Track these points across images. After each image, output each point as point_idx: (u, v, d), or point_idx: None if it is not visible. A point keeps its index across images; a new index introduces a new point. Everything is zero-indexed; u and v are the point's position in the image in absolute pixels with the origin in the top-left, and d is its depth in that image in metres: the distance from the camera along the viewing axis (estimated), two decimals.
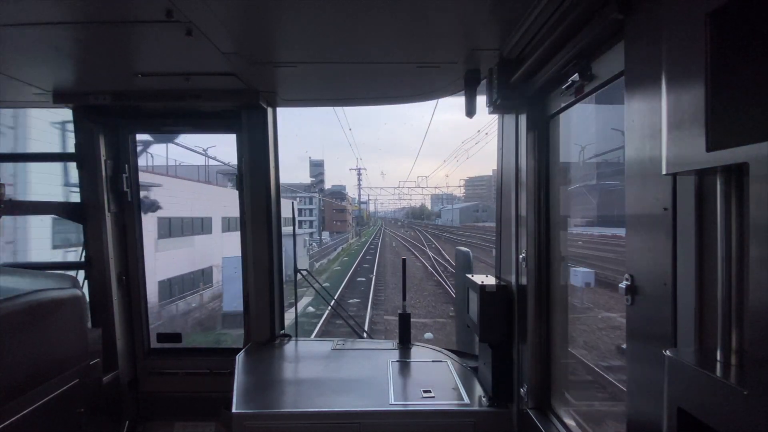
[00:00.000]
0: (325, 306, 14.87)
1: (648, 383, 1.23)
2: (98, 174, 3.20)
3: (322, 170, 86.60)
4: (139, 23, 1.95)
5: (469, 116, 2.65)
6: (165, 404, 3.45)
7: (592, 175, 2.86)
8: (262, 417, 2.39)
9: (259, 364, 3.07)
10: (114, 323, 3.28)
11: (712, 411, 0.87)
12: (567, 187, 2.25)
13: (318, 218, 66.88)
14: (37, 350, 2.18)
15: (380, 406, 2.44)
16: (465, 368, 2.98)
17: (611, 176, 3.46)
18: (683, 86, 0.96)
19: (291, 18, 1.95)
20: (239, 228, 3.43)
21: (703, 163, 0.89)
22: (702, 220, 1.08)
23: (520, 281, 2.34)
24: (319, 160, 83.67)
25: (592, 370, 4.02)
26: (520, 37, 2.00)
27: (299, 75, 2.76)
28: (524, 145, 2.28)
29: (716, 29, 0.87)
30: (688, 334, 1.10)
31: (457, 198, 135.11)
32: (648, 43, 1.22)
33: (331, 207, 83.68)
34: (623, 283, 1.33)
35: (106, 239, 3.25)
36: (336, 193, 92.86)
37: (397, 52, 2.35)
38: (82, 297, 2.56)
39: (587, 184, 2.91)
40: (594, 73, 1.68)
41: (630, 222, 1.34)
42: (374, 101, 3.36)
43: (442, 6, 1.81)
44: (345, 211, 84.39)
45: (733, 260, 0.92)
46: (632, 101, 1.29)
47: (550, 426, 2.13)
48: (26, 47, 2.21)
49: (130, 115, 3.30)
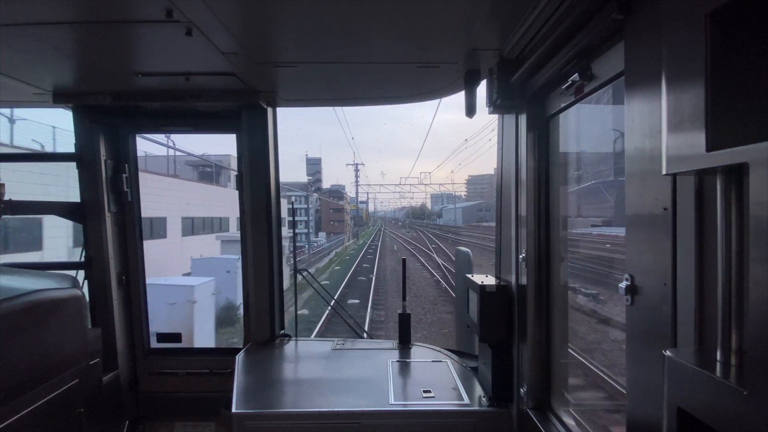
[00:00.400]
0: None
1: (648, 383, 1.23)
2: (98, 174, 3.20)
3: (320, 168, 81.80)
4: (139, 23, 1.95)
5: (469, 116, 2.65)
6: (165, 404, 3.45)
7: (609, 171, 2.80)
8: (262, 417, 2.39)
9: (259, 364, 3.07)
10: (114, 323, 3.28)
11: (712, 411, 0.87)
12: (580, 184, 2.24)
13: (314, 218, 64.38)
14: (37, 350, 2.18)
15: (380, 406, 2.44)
16: (465, 368, 2.98)
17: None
18: (683, 86, 0.96)
19: (291, 18, 1.95)
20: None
21: (703, 163, 0.89)
22: (702, 220, 1.08)
23: (520, 281, 2.34)
24: (316, 158, 79.70)
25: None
26: (520, 37, 2.00)
27: (299, 75, 2.76)
28: (524, 145, 2.28)
29: (716, 29, 0.87)
30: (688, 334, 1.10)
31: (458, 197, 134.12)
32: (648, 43, 1.22)
33: (328, 206, 79.98)
34: (623, 283, 1.33)
35: (106, 239, 3.25)
36: (334, 192, 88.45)
37: (397, 52, 2.35)
38: (82, 297, 2.56)
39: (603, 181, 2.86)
40: (594, 73, 1.68)
41: (630, 222, 1.34)
42: (374, 101, 3.36)
43: (442, 6, 1.81)
44: (343, 210, 79.85)
45: (733, 260, 0.92)
46: (632, 101, 1.29)
47: (550, 426, 2.13)
48: (26, 47, 2.21)
49: (130, 115, 3.30)
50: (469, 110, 2.63)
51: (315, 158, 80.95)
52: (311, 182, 78.33)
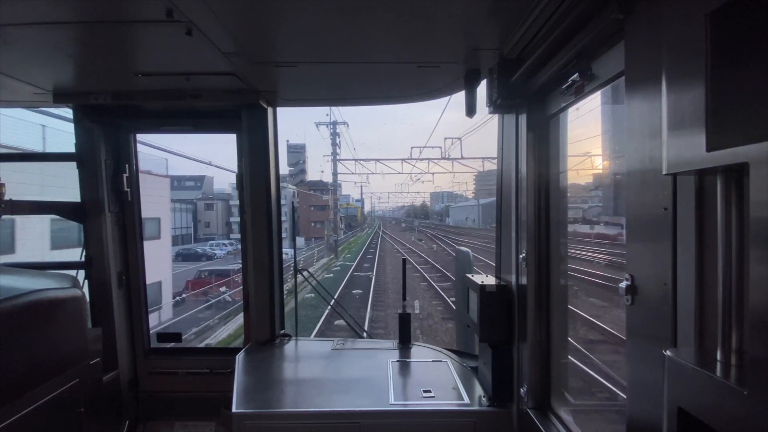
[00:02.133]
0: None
1: (648, 383, 1.23)
2: (98, 174, 3.21)
3: (304, 157, 62.61)
4: (139, 23, 1.95)
5: (469, 116, 2.66)
6: (165, 404, 3.45)
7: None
8: (262, 417, 2.39)
9: (259, 364, 3.07)
10: (114, 323, 3.28)
11: (712, 411, 0.87)
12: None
13: (289, 219, 46.45)
14: (37, 350, 2.18)
15: (380, 405, 2.44)
16: (465, 368, 2.98)
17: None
18: (683, 86, 0.96)
19: (291, 18, 1.95)
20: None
21: (703, 163, 0.89)
22: (702, 220, 1.08)
23: (520, 281, 2.34)
24: (300, 145, 61.33)
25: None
26: (520, 37, 2.00)
27: (300, 75, 2.76)
28: (524, 145, 2.28)
29: (716, 29, 0.87)
30: (688, 334, 1.10)
31: (460, 196, 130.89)
32: (648, 43, 1.22)
33: (307, 202, 60.05)
34: (623, 283, 1.33)
35: (107, 239, 3.25)
36: (316, 184, 64.30)
37: (397, 52, 2.35)
38: (83, 297, 2.56)
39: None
40: (594, 73, 1.68)
41: (630, 222, 1.34)
42: (374, 101, 3.36)
43: (442, 6, 1.81)
44: (327, 208, 56.19)
45: (733, 260, 0.92)
46: (632, 101, 1.29)
47: (550, 426, 2.13)
48: (26, 47, 2.21)
49: (131, 115, 3.30)
50: (469, 110, 2.63)
51: (298, 145, 54.99)
52: (293, 174, 61.70)
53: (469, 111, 2.64)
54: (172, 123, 3.39)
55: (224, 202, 61.54)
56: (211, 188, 67.20)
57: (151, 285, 4.42)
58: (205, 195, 62.98)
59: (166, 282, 19.62)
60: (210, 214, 61.08)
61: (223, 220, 61.30)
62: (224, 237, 54.65)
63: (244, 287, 3.44)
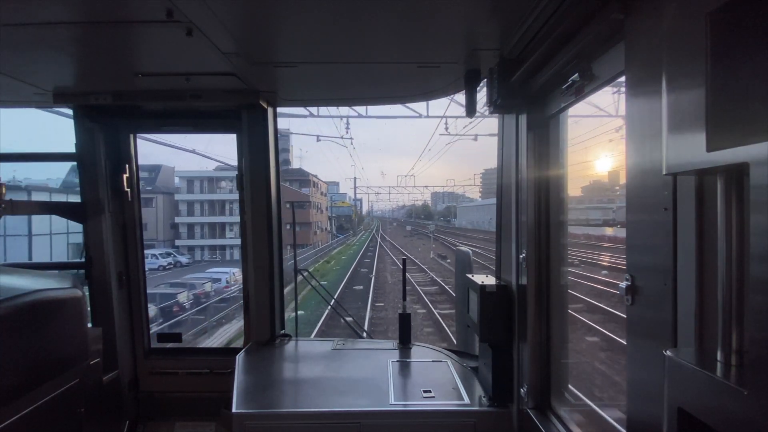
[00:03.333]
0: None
1: (648, 383, 1.23)
2: (98, 174, 3.21)
3: (287, 145, 53.93)
4: (139, 23, 1.95)
5: (469, 116, 2.66)
6: (165, 404, 3.45)
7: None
8: (263, 417, 2.39)
9: (259, 364, 3.07)
10: (114, 323, 3.28)
11: (712, 411, 0.87)
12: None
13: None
14: (37, 350, 2.18)
15: (380, 406, 2.44)
16: (465, 368, 2.98)
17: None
18: (683, 86, 0.96)
19: (291, 18, 1.95)
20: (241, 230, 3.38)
21: (703, 163, 0.89)
22: (702, 220, 1.08)
23: (520, 281, 2.34)
24: (283, 129, 49.95)
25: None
26: (520, 37, 2.00)
27: (300, 75, 2.76)
28: (524, 145, 2.28)
29: (716, 29, 0.87)
30: (688, 334, 1.10)
31: (462, 196, 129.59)
32: (648, 43, 1.22)
33: (284, 198, 35.10)
34: (623, 283, 1.33)
35: (107, 239, 3.25)
36: (296, 172, 54.09)
37: (397, 52, 2.35)
38: (83, 296, 2.56)
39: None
40: (594, 73, 1.68)
41: (630, 222, 1.34)
42: (374, 101, 3.37)
43: (442, 6, 1.81)
44: (308, 206, 48.77)
45: (733, 260, 0.92)
46: (632, 101, 1.29)
47: (550, 426, 2.13)
48: (26, 47, 2.21)
49: (131, 115, 3.30)
50: (469, 110, 2.64)
51: (282, 130, 50.41)
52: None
53: (469, 111, 2.64)
54: (172, 123, 3.39)
55: (168, 197, 48.04)
56: (172, 181, 50.46)
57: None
58: (156, 189, 47.75)
59: None
60: (148, 213, 42.49)
61: (166, 221, 47.74)
62: (168, 244, 45.43)
63: (245, 287, 3.44)
